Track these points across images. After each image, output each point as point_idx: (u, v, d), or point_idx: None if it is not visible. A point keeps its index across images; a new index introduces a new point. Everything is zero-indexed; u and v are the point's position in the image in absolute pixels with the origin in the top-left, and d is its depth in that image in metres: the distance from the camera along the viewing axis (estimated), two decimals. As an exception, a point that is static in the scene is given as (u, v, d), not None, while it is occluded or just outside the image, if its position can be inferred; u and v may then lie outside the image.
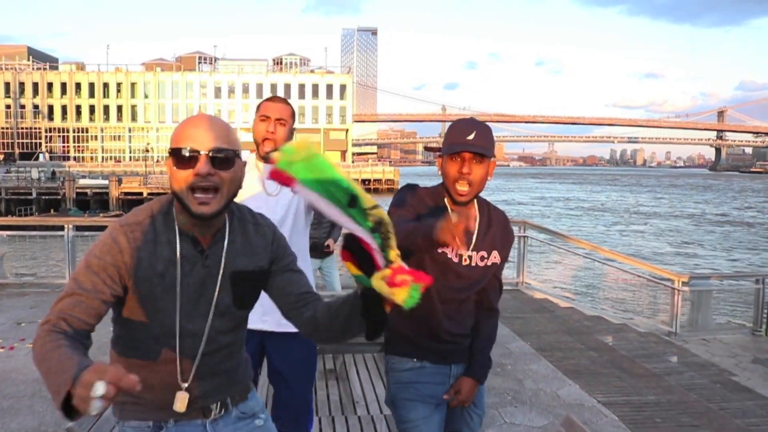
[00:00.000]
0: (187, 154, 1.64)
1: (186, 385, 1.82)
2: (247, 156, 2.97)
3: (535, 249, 10.52)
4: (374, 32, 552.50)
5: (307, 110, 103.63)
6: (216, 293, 1.79)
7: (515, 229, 10.25)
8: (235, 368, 1.95)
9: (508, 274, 10.66)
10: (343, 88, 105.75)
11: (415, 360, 2.48)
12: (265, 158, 2.93)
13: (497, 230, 2.48)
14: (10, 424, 4.59)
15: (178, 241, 1.74)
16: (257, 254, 1.86)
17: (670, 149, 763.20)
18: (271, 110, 2.94)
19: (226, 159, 1.67)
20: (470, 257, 2.42)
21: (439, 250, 2.32)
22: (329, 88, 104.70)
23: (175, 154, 1.67)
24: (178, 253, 1.74)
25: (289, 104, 3.04)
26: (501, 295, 2.61)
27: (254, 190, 2.87)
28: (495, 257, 2.47)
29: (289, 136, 2.98)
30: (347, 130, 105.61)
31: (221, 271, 1.79)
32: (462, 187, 2.28)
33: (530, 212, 60.03)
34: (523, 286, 9.90)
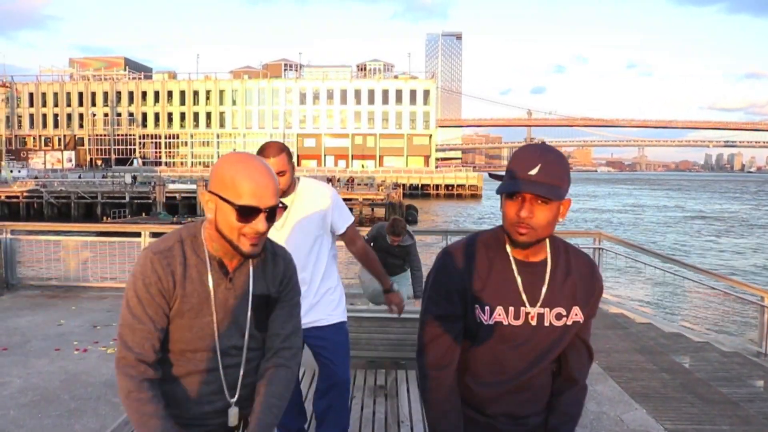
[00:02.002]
0: (248, 212, 1.77)
1: (234, 400, 1.95)
2: None
3: (611, 261, 10.07)
4: (458, 37, 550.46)
5: (391, 116, 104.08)
6: (239, 314, 1.92)
7: (589, 240, 9.89)
8: (254, 385, 2.05)
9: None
10: (426, 93, 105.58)
11: None
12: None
13: (578, 280, 1.95)
14: (74, 426, 4.71)
15: (208, 262, 1.87)
16: (272, 281, 1.99)
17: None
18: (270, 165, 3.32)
19: (274, 213, 1.81)
20: (539, 315, 1.92)
21: (493, 319, 1.91)
22: (413, 93, 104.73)
23: (235, 206, 1.76)
24: (209, 275, 1.87)
25: (283, 152, 3.21)
26: (591, 365, 2.08)
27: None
28: (576, 315, 1.94)
29: (292, 177, 3.30)
30: (431, 136, 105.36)
31: (244, 294, 1.92)
32: (521, 231, 1.81)
33: (621, 220, 58.31)
34: (598, 300, 9.48)
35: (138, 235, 10.14)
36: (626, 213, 68.05)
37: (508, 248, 1.92)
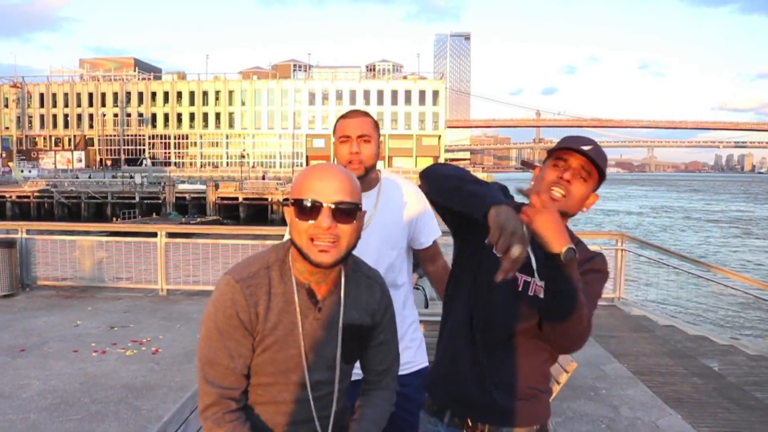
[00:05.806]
0: (309, 205, 1.64)
1: None
2: None
3: (633, 263, 9.91)
4: (467, 37, 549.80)
5: (400, 116, 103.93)
6: (328, 346, 1.78)
7: (612, 241, 9.74)
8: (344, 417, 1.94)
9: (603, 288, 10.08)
10: (435, 94, 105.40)
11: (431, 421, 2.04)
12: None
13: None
14: (96, 430, 4.63)
15: (295, 290, 1.73)
16: (365, 310, 1.84)
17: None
18: (351, 128, 2.53)
19: (347, 212, 1.65)
20: (528, 284, 1.87)
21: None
22: (422, 94, 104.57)
23: (298, 204, 1.66)
24: (296, 304, 1.73)
25: (368, 115, 2.62)
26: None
27: None
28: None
29: (377, 151, 2.58)
30: (440, 137, 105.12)
31: (333, 324, 1.78)
32: (557, 191, 1.81)
33: (637, 223, 58.01)
34: (620, 302, 9.35)
35: (154, 235, 10.04)
36: (643, 215, 67.65)
37: None
